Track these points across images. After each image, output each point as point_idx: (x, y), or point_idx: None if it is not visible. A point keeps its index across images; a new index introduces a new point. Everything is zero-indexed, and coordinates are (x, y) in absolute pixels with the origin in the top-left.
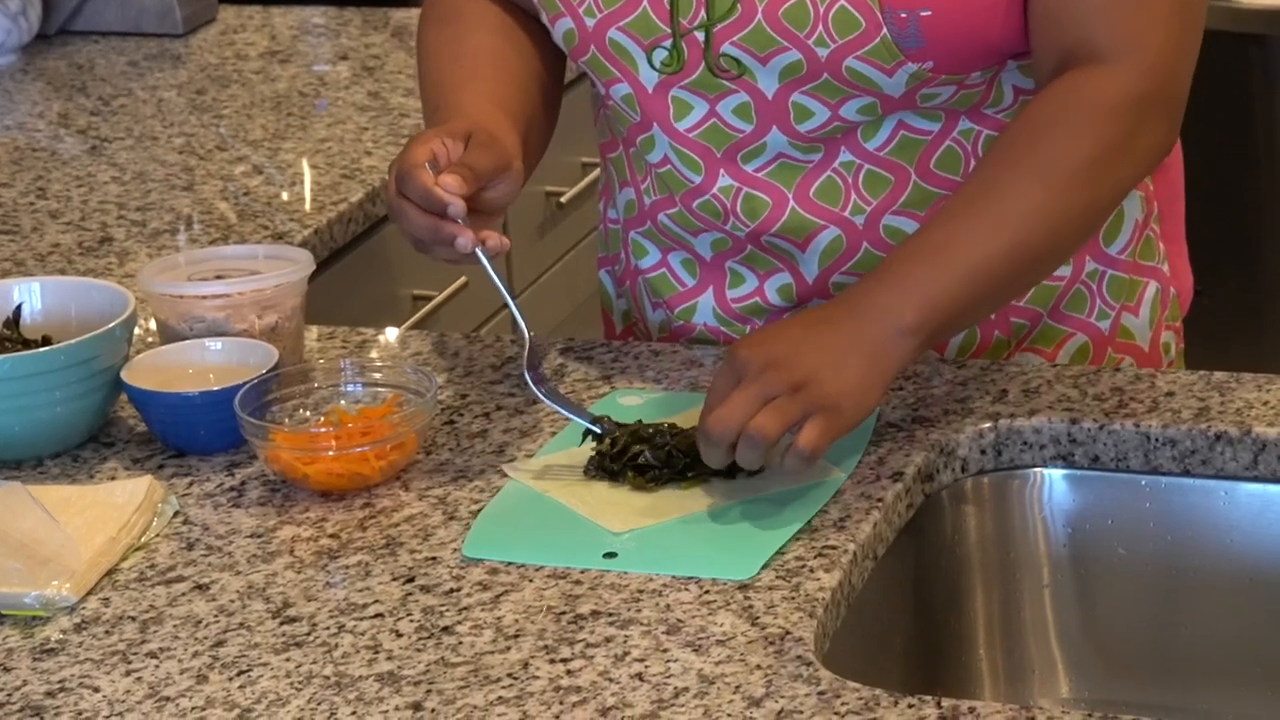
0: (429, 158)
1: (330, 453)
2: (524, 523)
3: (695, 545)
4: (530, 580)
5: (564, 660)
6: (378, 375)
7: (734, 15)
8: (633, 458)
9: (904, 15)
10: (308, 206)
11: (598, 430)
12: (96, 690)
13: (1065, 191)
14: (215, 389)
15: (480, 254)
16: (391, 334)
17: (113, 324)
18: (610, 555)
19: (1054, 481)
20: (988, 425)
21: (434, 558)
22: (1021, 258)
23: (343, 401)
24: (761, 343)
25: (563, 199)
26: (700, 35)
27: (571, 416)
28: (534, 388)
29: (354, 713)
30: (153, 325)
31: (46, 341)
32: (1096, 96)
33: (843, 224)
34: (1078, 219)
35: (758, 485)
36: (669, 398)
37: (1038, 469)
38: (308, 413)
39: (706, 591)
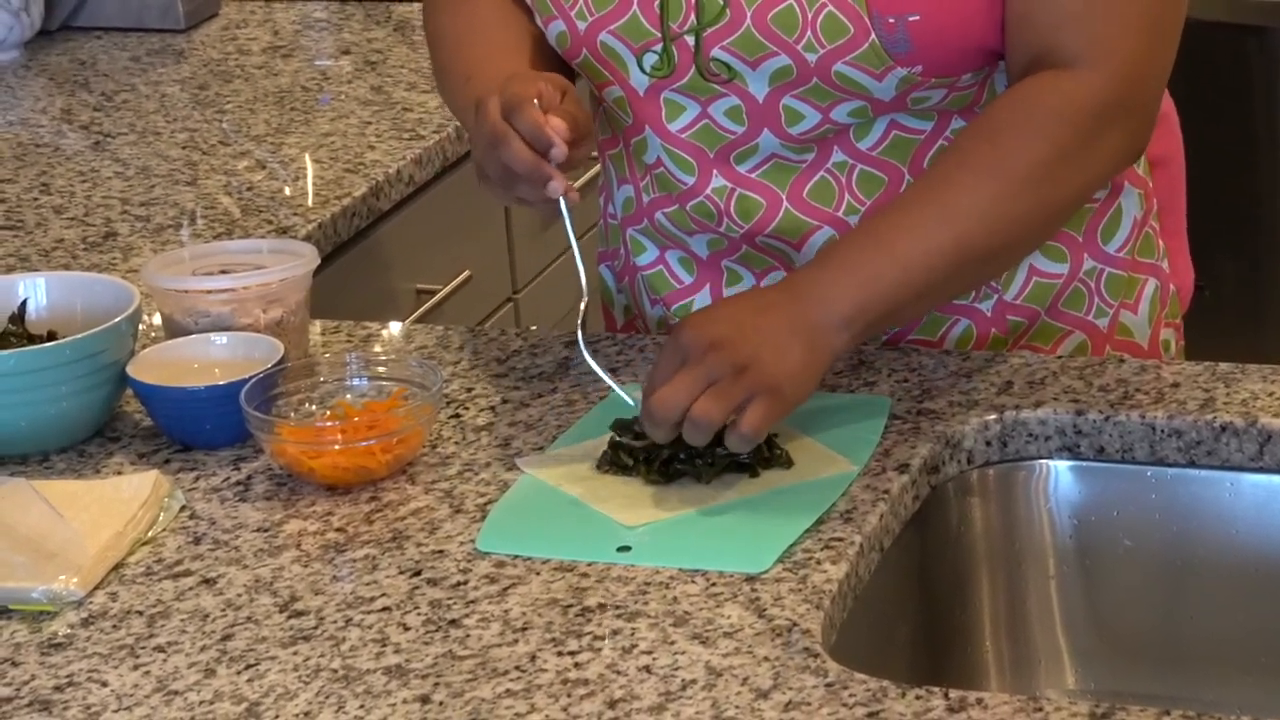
0: (537, 95)
1: (336, 447)
2: (538, 517)
3: (708, 538)
4: (537, 573)
5: (571, 653)
6: (383, 369)
7: (723, 20)
8: (654, 453)
9: (892, 20)
10: (311, 201)
11: (631, 403)
12: (105, 684)
13: (1017, 191)
14: (221, 383)
15: (563, 203)
16: (396, 328)
17: (118, 319)
18: (624, 549)
19: (1059, 473)
20: (993, 417)
21: (441, 551)
22: (965, 254)
23: (348, 395)
24: (706, 324)
25: None
26: (690, 40)
27: (615, 388)
28: (584, 350)
29: (362, 706)
30: (158, 320)
31: (52, 337)
32: (1058, 100)
33: (837, 224)
34: (1029, 220)
35: (771, 479)
36: None
37: (1043, 460)
38: (313, 407)
39: (713, 584)
